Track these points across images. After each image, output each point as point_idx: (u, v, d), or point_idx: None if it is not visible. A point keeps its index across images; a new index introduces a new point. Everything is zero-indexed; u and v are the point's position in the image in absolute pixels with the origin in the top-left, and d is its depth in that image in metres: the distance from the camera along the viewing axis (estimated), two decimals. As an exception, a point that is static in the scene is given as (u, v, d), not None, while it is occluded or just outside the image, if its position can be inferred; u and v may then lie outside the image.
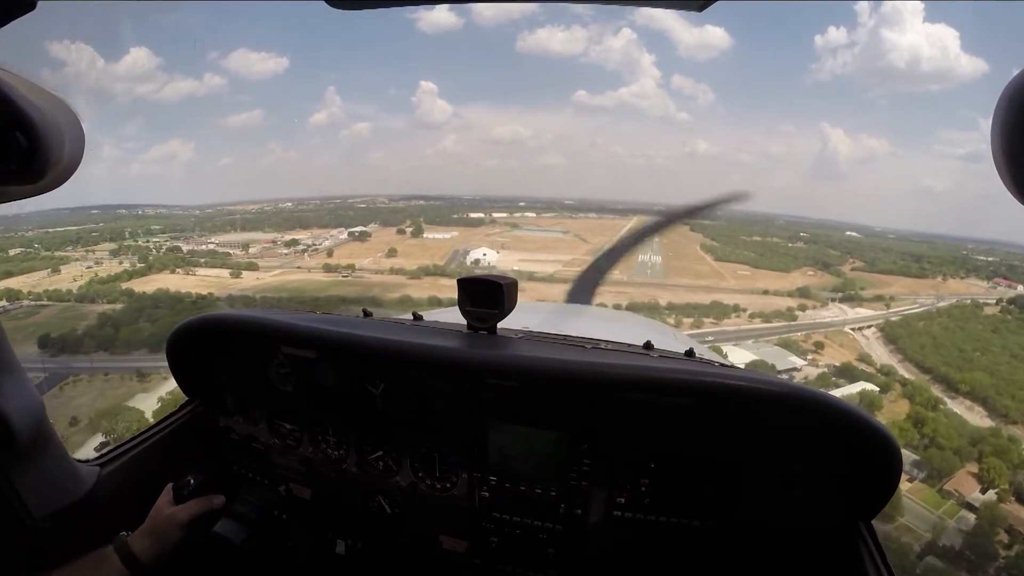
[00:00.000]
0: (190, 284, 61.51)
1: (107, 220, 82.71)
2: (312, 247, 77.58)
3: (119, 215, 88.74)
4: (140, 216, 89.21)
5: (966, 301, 61.52)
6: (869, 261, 77.02)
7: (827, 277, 72.27)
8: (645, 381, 1.48)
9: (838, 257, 79.65)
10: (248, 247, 75.40)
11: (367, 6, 1.19)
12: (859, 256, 79.06)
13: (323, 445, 1.90)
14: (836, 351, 47.95)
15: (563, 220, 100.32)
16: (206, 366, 2.02)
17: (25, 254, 66.34)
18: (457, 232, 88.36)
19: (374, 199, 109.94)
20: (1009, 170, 0.66)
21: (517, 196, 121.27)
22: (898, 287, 68.49)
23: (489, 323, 1.79)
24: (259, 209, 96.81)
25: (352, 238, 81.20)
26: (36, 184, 0.96)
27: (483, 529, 1.73)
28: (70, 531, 1.50)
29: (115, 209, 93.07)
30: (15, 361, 1.38)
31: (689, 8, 1.15)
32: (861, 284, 69.02)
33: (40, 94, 0.94)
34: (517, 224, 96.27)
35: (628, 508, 1.59)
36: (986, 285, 67.84)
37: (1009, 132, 0.65)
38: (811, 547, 1.51)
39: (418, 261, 72.93)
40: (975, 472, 28.71)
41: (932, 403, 35.49)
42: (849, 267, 74.94)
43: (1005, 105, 0.65)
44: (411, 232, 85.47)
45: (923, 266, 73.79)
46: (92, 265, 65.21)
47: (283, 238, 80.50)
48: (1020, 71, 0.63)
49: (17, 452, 1.36)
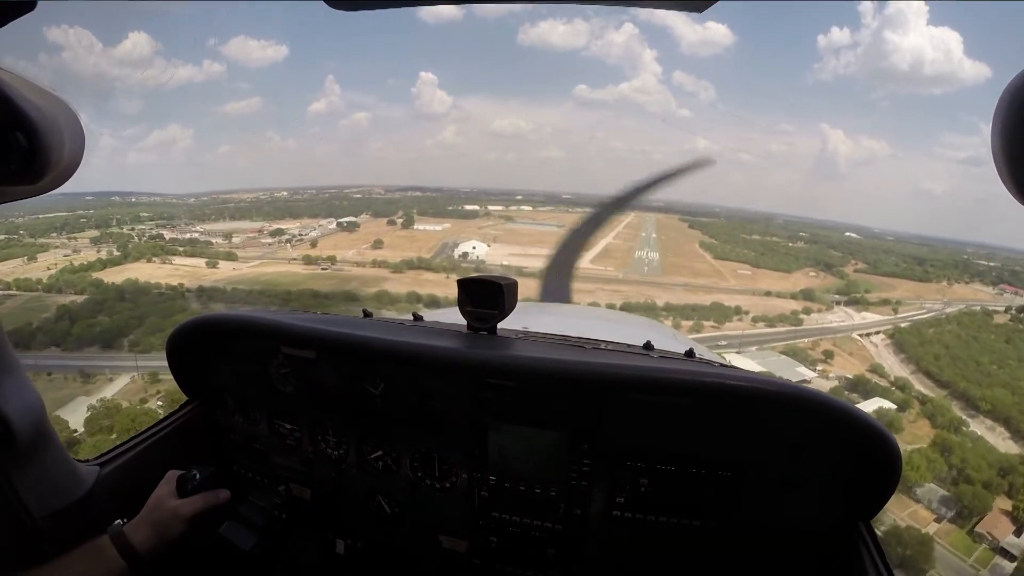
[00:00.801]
0: (163, 274, 58.21)
1: (100, 207, 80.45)
2: (298, 237, 75.23)
3: (112, 202, 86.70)
4: (133, 203, 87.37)
5: (975, 308, 59.46)
6: (871, 263, 75.32)
7: (830, 279, 70.82)
8: (645, 381, 1.48)
9: (840, 258, 78.02)
10: (232, 236, 72.86)
11: (366, 7, 1.19)
12: (861, 257, 77.84)
13: (323, 445, 1.88)
14: (846, 361, 44.61)
15: (559, 214, 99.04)
16: (206, 366, 1.98)
17: (7, 240, 64.07)
18: (450, 224, 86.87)
19: (370, 189, 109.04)
20: (1009, 170, 0.65)
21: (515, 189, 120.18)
22: (903, 291, 66.58)
23: (489, 323, 1.77)
24: (254, 198, 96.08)
25: (340, 228, 79.38)
26: (36, 184, 0.95)
27: (483, 529, 1.72)
28: (70, 531, 1.48)
29: (110, 196, 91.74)
30: (15, 361, 1.37)
31: (690, 9, 1.14)
32: (865, 287, 67.46)
33: (40, 94, 0.93)
34: (512, 217, 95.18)
35: (628, 508, 1.58)
36: (992, 291, 66.37)
37: (1009, 132, 0.64)
38: (811, 547, 1.51)
39: (403, 253, 69.98)
40: (1008, 510, 25.88)
41: (954, 424, 32.56)
42: (851, 269, 72.99)
43: (1005, 106, 0.64)
44: (402, 223, 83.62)
45: (926, 269, 72.08)
46: (70, 253, 62.57)
47: (270, 227, 78.15)
48: (1020, 72, 0.63)
49: (17, 452, 1.36)
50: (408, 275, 61.71)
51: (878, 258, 76.53)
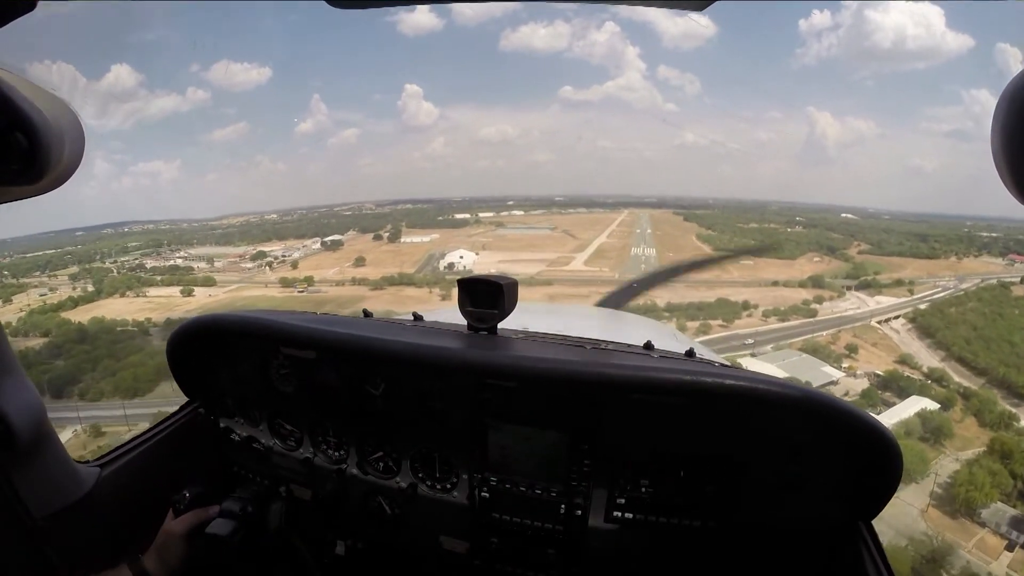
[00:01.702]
0: (135, 308, 54.60)
1: (90, 241, 77.33)
2: (280, 259, 71.61)
3: (103, 235, 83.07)
4: (125, 234, 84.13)
5: (991, 281, 55.43)
6: (875, 243, 71.25)
7: (836, 263, 67.16)
8: (645, 382, 1.46)
9: (841, 240, 74.07)
10: (214, 261, 69.52)
11: (366, 5, 1.18)
12: (862, 238, 73.95)
13: (323, 446, 1.87)
14: (871, 353, 40.59)
15: (551, 217, 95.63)
16: (206, 367, 1.96)
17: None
18: (438, 234, 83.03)
19: (361, 205, 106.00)
20: (1009, 170, 0.63)
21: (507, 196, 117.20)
22: (912, 269, 62.65)
23: (489, 323, 1.76)
24: (244, 221, 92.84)
25: (324, 248, 75.86)
26: (36, 184, 0.94)
27: (483, 529, 1.71)
28: (70, 531, 1.50)
29: (101, 229, 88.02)
30: (15, 362, 1.37)
31: (690, 8, 1.12)
32: (874, 268, 63.50)
33: (40, 94, 0.92)
34: (502, 223, 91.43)
35: (628, 508, 1.57)
36: (1002, 262, 62.61)
37: (1009, 132, 0.63)
38: (811, 547, 1.50)
39: (385, 269, 66.33)
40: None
41: (1004, 419, 28.23)
42: (856, 251, 69.14)
43: (1005, 105, 0.63)
44: (388, 237, 79.81)
45: (932, 246, 68.10)
46: (46, 292, 58.83)
47: (252, 251, 74.35)
48: (1020, 72, 0.62)
49: (17, 452, 1.35)
50: (388, 292, 58.21)
51: (880, 238, 72.83)
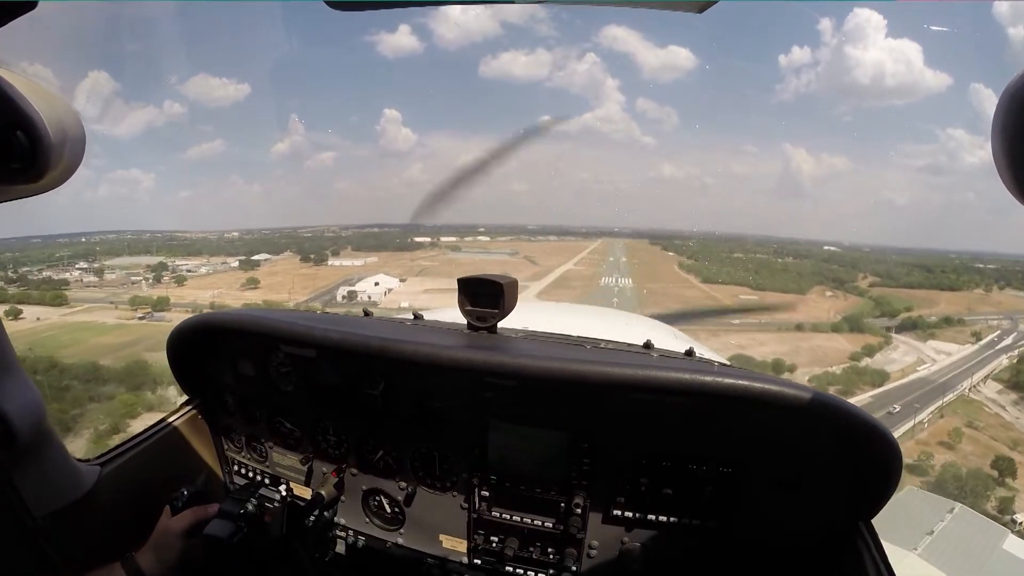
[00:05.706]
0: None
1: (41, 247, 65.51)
2: (179, 273, 59.86)
3: (29, 244, 67.72)
4: (58, 244, 70.26)
5: None
6: (883, 275, 58.39)
7: (852, 298, 53.28)
8: (645, 381, 1.39)
9: (845, 272, 61.35)
10: (104, 273, 57.37)
11: (365, 7, 1.14)
12: (867, 269, 60.76)
13: (323, 445, 1.82)
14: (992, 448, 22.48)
15: (518, 243, 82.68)
16: (206, 365, 1.91)
17: None
18: (376, 258, 70.35)
19: (325, 228, 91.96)
20: (1009, 170, 0.61)
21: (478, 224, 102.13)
22: (945, 305, 49.23)
23: (489, 323, 1.69)
24: (202, 236, 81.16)
25: (240, 267, 64.11)
26: (37, 183, 0.91)
27: (483, 529, 1.66)
28: (71, 530, 1.46)
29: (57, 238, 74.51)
30: (15, 361, 1.31)
31: (689, 9, 1.06)
32: (902, 304, 48.73)
33: (41, 94, 0.88)
34: (459, 247, 76.69)
35: (628, 508, 1.51)
36: None
37: (1009, 132, 0.60)
38: (811, 546, 1.44)
39: (273, 295, 52.88)
40: None
41: None
42: (866, 283, 56.43)
43: (1005, 105, 0.61)
44: (314, 259, 67.47)
45: (945, 277, 55.76)
46: None
47: (152, 263, 61.84)
48: (1021, 73, 0.59)
49: (17, 451, 1.30)
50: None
51: (880, 268, 60.84)
